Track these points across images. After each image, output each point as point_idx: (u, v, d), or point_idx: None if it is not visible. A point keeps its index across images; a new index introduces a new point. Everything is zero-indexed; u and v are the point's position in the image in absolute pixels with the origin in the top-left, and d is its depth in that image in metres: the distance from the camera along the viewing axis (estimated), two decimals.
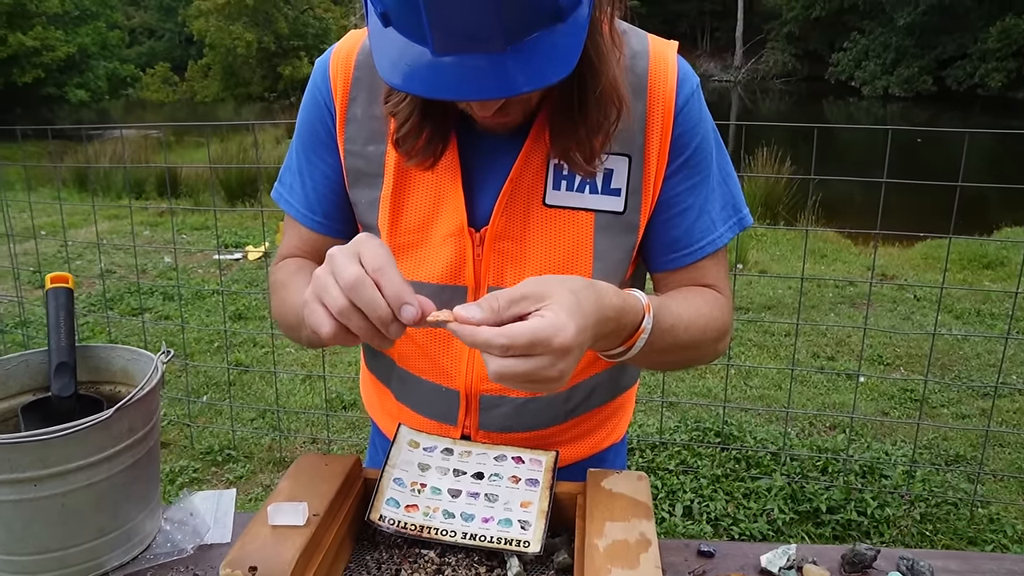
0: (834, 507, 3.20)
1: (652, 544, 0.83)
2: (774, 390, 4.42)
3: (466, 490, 0.96)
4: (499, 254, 1.04)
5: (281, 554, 0.79)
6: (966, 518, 3.26)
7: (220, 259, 5.82)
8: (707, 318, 1.02)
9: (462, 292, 1.06)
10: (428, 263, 1.05)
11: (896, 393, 4.36)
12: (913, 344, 5.06)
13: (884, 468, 3.42)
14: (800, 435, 3.79)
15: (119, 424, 0.88)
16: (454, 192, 1.02)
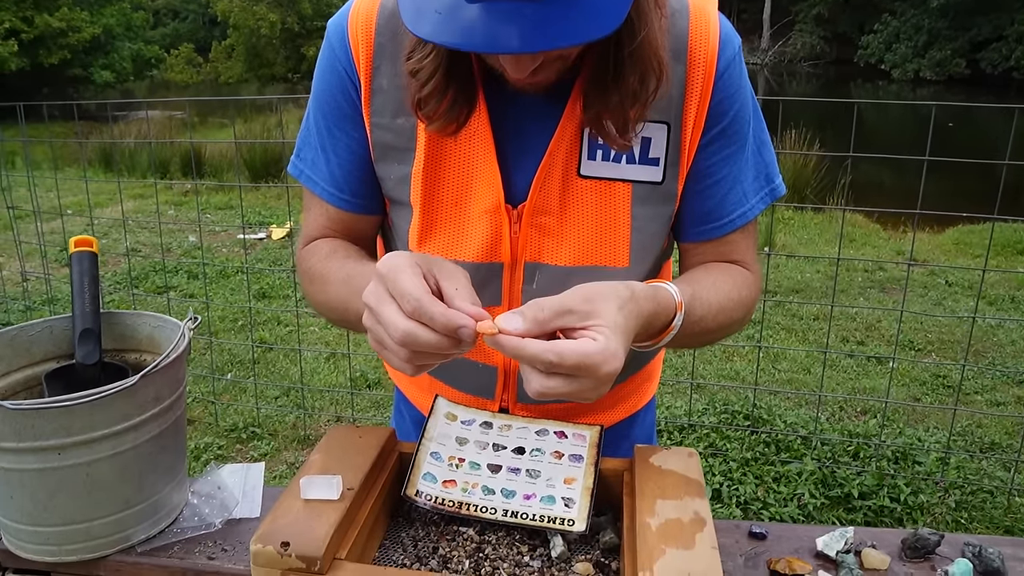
0: (866, 493, 3.13)
1: (707, 523, 0.78)
2: (803, 374, 4.35)
3: (506, 465, 0.91)
4: (536, 229, 0.99)
5: (314, 529, 0.75)
6: (1003, 507, 3.18)
7: (244, 238, 5.82)
8: (735, 302, 1.01)
9: (498, 269, 1.02)
10: (464, 241, 1.01)
11: (928, 379, 4.28)
12: (945, 330, 4.97)
13: (917, 454, 3.35)
14: (830, 420, 3.73)
15: (145, 392, 0.84)
16: (489, 167, 0.97)
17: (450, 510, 0.85)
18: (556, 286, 1.02)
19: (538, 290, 1.01)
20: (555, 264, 1.01)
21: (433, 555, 0.84)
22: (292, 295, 5.04)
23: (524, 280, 1.02)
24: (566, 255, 1.00)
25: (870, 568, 0.89)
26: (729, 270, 1.06)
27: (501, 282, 1.01)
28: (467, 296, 0.78)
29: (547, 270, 1.01)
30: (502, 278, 1.01)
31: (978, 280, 5.83)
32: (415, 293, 0.74)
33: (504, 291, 1.02)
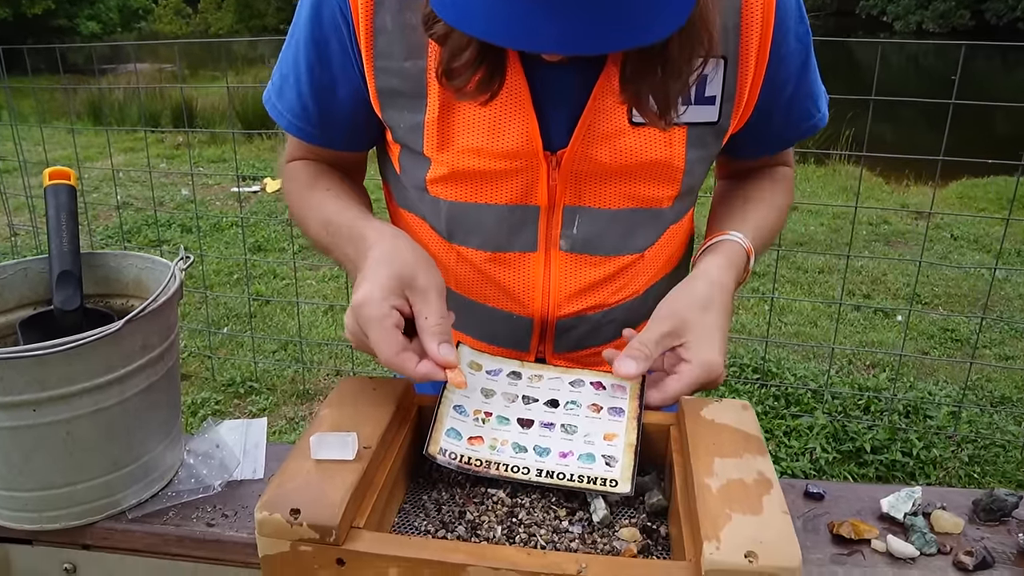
0: (878, 447, 3.08)
1: (774, 485, 0.68)
2: (809, 327, 4.29)
3: (539, 420, 0.81)
4: (577, 175, 0.90)
5: (328, 494, 0.66)
6: (1015, 461, 3.14)
7: (239, 191, 5.68)
8: (782, 209, 1.05)
9: (534, 212, 0.93)
10: (491, 186, 0.92)
11: (936, 333, 4.23)
12: (952, 284, 4.91)
13: (928, 408, 3.29)
14: (839, 373, 3.67)
15: (131, 339, 0.74)
16: (522, 114, 0.87)
17: (477, 469, 0.76)
18: (598, 230, 0.93)
19: (578, 234, 0.93)
20: (598, 207, 0.92)
21: (460, 520, 0.75)
22: (288, 248, 4.92)
23: (563, 224, 0.92)
24: (611, 199, 0.92)
25: (942, 532, 0.80)
26: (774, 179, 1.06)
27: (537, 226, 0.92)
28: (436, 329, 0.78)
29: (589, 213, 0.93)
30: (538, 222, 0.92)
31: (983, 234, 5.77)
32: (384, 352, 0.76)
33: (541, 235, 0.93)
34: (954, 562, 0.76)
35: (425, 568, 0.63)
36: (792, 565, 0.60)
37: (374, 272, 0.80)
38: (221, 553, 0.77)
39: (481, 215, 0.94)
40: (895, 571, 0.75)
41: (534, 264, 0.96)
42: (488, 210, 0.93)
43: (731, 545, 0.61)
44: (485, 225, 0.94)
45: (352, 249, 0.89)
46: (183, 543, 0.77)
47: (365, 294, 0.78)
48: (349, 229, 0.91)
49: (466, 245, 0.97)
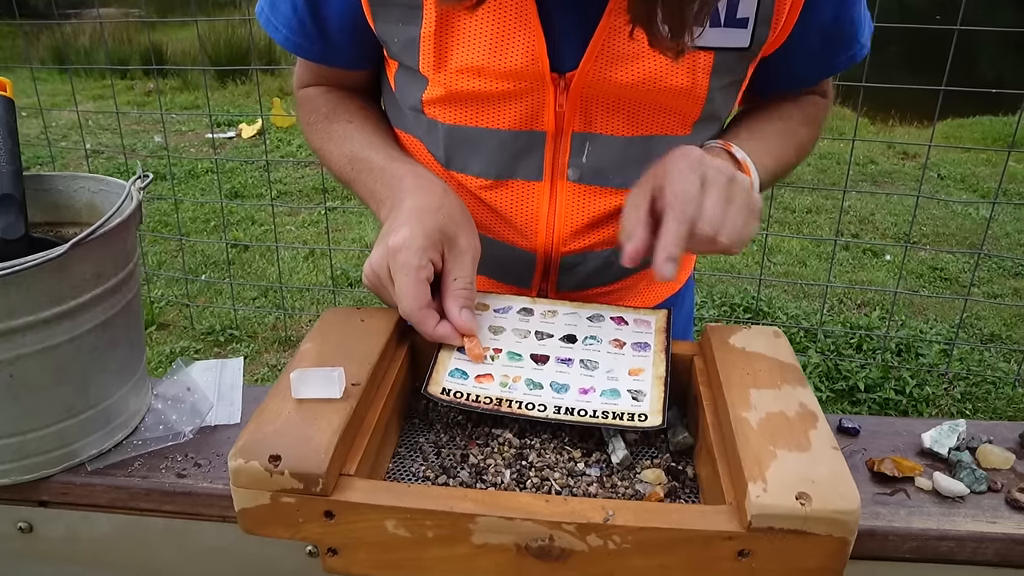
0: (871, 385, 3.06)
1: (819, 418, 0.61)
2: (799, 267, 4.24)
3: (555, 355, 0.73)
4: (587, 100, 0.81)
5: (312, 438, 0.57)
6: (1006, 397, 3.12)
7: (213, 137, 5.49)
8: (797, 134, 0.93)
9: (540, 138, 0.84)
10: (493, 109, 0.82)
11: (925, 271, 4.20)
12: (939, 223, 4.88)
13: (920, 347, 3.27)
14: (831, 312, 3.63)
15: (80, 267, 0.64)
16: (526, 26, 0.77)
17: (486, 407, 0.67)
18: (610, 159, 0.84)
19: (588, 163, 0.83)
20: (611, 135, 0.83)
21: (463, 464, 0.66)
22: (266, 193, 4.77)
23: (572, 152, 0.83)
24: (625, 126, 0.83)
25: (990, 468, 0.73)
26: (800, 105, 0.95)
27: (543, 153, 0.83)
28: (462, 293, 0.74)
29: (600, 141, 0.83)
30: (544, 149, 0.83)
31: (969, 174, 5.72)
32: (407, 303, 0.71)
33: (547, 164, 0.84)
34: (1008, 500, 0.69)
35: (427, 519, 0.54)
36: (850, 508, 0.52)
37: (419, 220, 0.74)
38: (194, 507, 0.68)
39: (481, 140, 0.85)
40: (944, 511, 0.68)
41: (538, 195, 0.87)
42: (489, 135, 0.84)
43: (779, 487, 0.53)
44: (486, 151, 0.85)
45: (383, 188, 0.83)
46: (151, 496, 0.68)
47: (406, 239, 0.72)
48: (381, 168, 0.84)
49: (465, 172, 0.88)
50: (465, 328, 0.72)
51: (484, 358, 0.71)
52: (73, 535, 0.72)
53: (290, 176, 5.21)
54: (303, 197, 4.88)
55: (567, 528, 0.53)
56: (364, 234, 4.24)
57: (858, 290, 3.86)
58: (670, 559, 0.54)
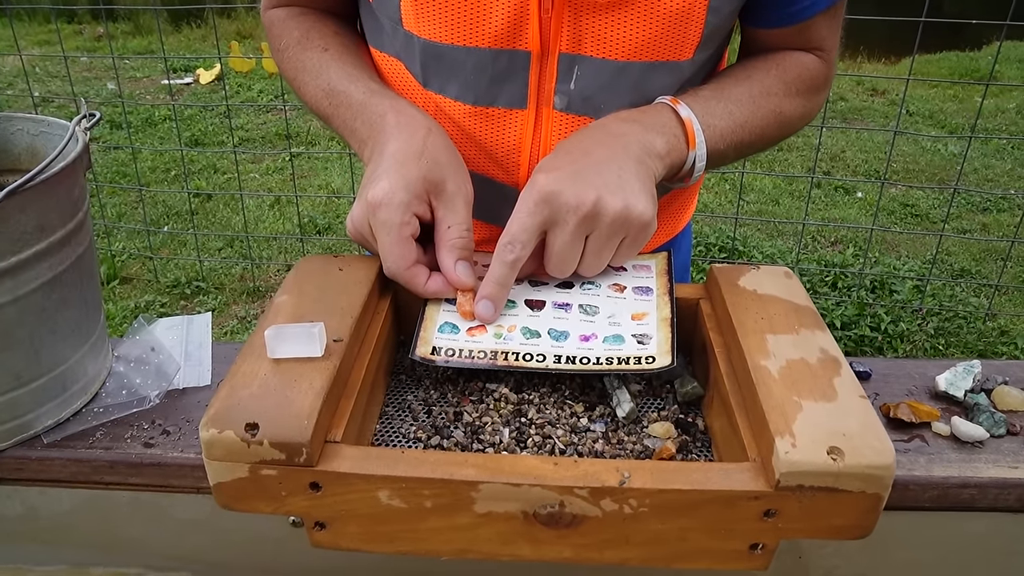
0: (847, 323, 3.07)
1: (843, 365, 0.56)
2: (772, 205, 4.23)
3: (551, 301, 0.67)
4: (577, 11, 0.73)
5: (293, 402, 0.51)
6: (977, 331, 3.16)
7: (170, 83, 5.27)
8: (778, 109, 0.82)
9: (523, 59, 0.76)
10: (470, 21, 0.74)
11: (896, 208, 4.22)
12: (909, 159, 4.89)
13: (894, 283, 3.27)
14: (805, 250, 3.62)
15: (20, 219, 0.57)
16: None
17: (482, 362, 0.62)
18: (601, 85, 0.75)
19: (576, 90, 0.75)
20: (602, 57, 0.75)
21: (456, 423, 0.61)
22: (227, 140, 4.61)
23: (558, 76, 0.75)
24: (619, 47, 0.74)
25: (1007, 410, 0.70)
26: (781, 64, 0.84)
27: (527, 77, 0.75)
28: (458, 242, 0.67)
29: (591, 64, 0.75)
30: (528, 72, 0.75)
31: (938, 110, 5.72)
32: (392, 263, 0.66)
33: (531, 89, 0.76)
34: None
35: (425, 488, 0.49)
36: (885, 462, 0.48)
37: (399, 170, 0.67)
38: (164, 478, 0.62)
39: (459, 58, 0.77)
40: (964, 456, 0.64)
41: (522, 124, 0.80)
42: (467, 53, 0.76)
43: (808, 441, 0.49)
44: (463, 71, 0.78)
45: (363, 126, 0.75)
46: (116, 469, 0.62)
47: (385, 193, 0.65)
48: (361, 104, 0.76)
49: (444, 94, 0.80)
50: (460, 284, 0.66)
51: (472, 317, 0.65)
52: (32, 513, 0.66)
53: (252, 122, 5.04)
54: (266, 143, 4.73)
55: (579, 493, 0.49)
56: (330, 180, 4.13)
57: (832, 227, 3.85)
58: (690, 522, 0.49)
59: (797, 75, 0.84)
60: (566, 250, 0.65)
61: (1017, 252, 3.69)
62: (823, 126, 3.07)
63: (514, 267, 0.64)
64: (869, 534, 0.51)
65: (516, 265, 0.64)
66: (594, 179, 0.65)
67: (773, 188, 4.40)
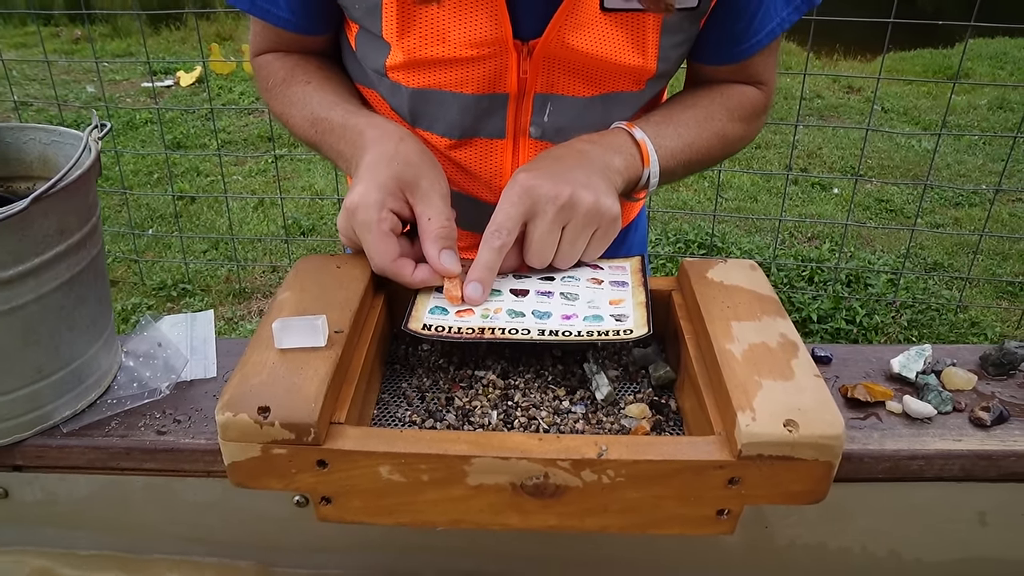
0: (823, 316, 3.14)
1: (800, 347, 0.62)
2: (750, 202, 4.30)
3: (535, 289, 0.72)
4: (550, 65, 0.81)
5: (300, 387, 0.56)
6: (949, 323, 3.24)
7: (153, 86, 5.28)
8: (721, 131, 0.91)
9: (502, 100, 0.84)
10: (457, 74, 0.82)
11: (871, 204, 4.30)
12: (884, 155, 4.98)
13: (869, 277, 3.35)
14: (783, 246, 3.69)
15: (43, 223, 0.62)
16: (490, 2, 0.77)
17: (469, 337, 0.66)
18: (571, 117, 0.85)
19: (550, 122, 0.84)
20: (571, 95, 0.84)
21: (448, 408, 0.67)
22: (209, 143, 4.63)
23: (534, 111, 0.84)
24: (584, 87, 0.84)
25: (954, 389, 0.76)
26: (725, 93, 0.93)
27: (506, 113, 0.83)
28: (439, 232, 0.71)
29: (562, 101, 0.84)
30: (507, 109, 0.83)
31: (912, 107, 5.82)
32: (377, 259, 0.71)
33: (509, 122, 0.85)
34: (971, 419, 0.72)
35: (422, 463, 0.54)
36: (835, 432, 0.54)
37: (372, 173, 0.73)
38: (176, 463, 0.67)
39: (445, 103, 0.85)
40: (913, 431, 0.70)
41: (502, 151, 0.88)
42: (453, 98, 0.84)
43: (767, 415, 0.54)
44: (450, 112, 0.85)
45: (346, 146, 0.81)
46: (131, 455, 0.67)
47: (359, 196, 0.71)
48: (342, 126, 0.82)
49: (430, 131, 0.88)
50: (446, 271, 0.71)
51: (460, 300, 0.70)
52: (51, 498, 0.71)
53: (234, 124, 5.06)
54: (248, 145, 4.75)
55: (562, 465, 0.54)
56: (313, 181, 4.16)
57: (808, 223, 3.93)
58: (663, 489, 0.55)
59: (738, 103, 0.92)
60: (545, 238, 0.71)
61: (988, 245, 3.79)
62: (798, 123, 3.14)
63: (500, 252, 0.70)
64: (823, 499, 0.57)
65: (502, 251, 0.70)
66: (568, 177, 0.71)
67: (751, 185, 4.48)
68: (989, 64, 6.84)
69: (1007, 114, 5.66)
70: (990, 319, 3.29)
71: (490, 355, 0.73)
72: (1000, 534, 0.73)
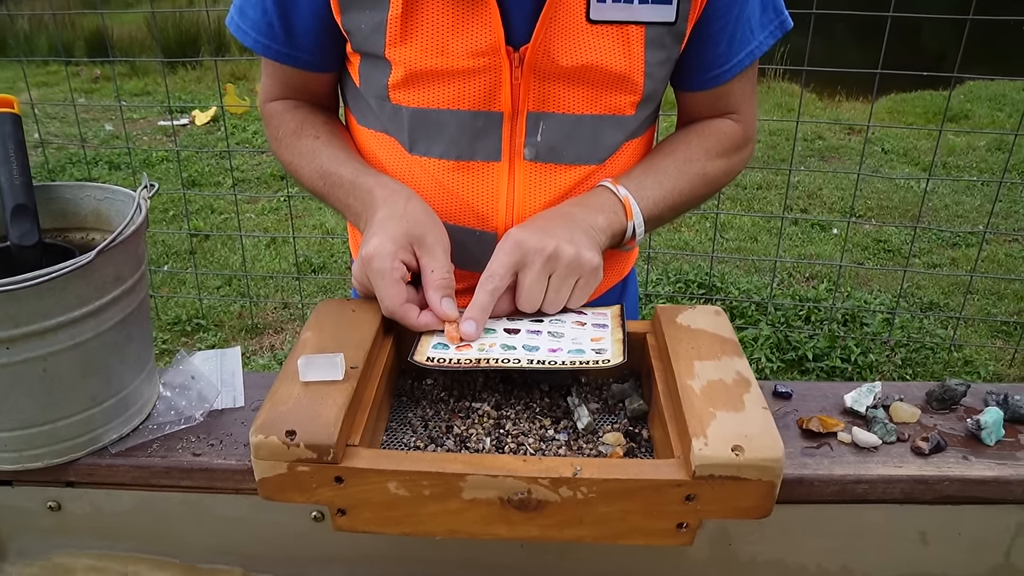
0: (819, 355, 3.21)
1: (752, 384, 0.72)
2: (750, 242, 4.39)
3: (525, 328, 0.82)
4: (541, 75, 0.90)
5: (322, 414, 0.66)
6: (943, 361, 3.31)
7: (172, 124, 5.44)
8: (702, 172, 1.00)
9: (497, 119, 0.92)
10: (454, 88, 0.91)
11: (869, 244, 4.38)
12: (883, 196, 5.07)
13: (864, 316, 3.43)
14: (781, 286, 3.78)
15: (103, 271, 0.72)
16: (484, 4, 0.86)
17: (467, 366, 0.76)
18: (563, 136, 0.92)
19: (543, 142, 0.92)
20: (563, 112, 0.92)
21: (448, 434, 0.76)
22: (223, 181, 4.78)
23: (527, 131, 0.92)
24: (575, 103, 0.92)
25: (900, 421, 0.85)
26: (704, 135, 1.02)
27: (501, 133, 0.92)
28: (440, 283, 0.82)
29: (553, 120, 0.92)
30: (502, 129, 0.92)
31: (912, 148, 5.94)
32: (388, 303, 0.81)
33: (504, 144, 0.93)
34: (912, 448, 0.81)
35: (424, 480, 0.64)
36: (775, 456, 0.63)
37: (385, 227, 0.83)
38: (210, 481, 0.77)
39: (443, 121, 0.93)
40: (859, 459, 0.79)
41: (498, 174, 0.96)
42: (450, 116, 0.92)
43: (718, 441, 0.64)
44: (447, 132, 0.94)
45: (355, 202, 0.92)
46: (170, 474, 0.77)
47: (375, 248, 0.81)
48: (351, 183, 0.93)
49: (428, 155, 0.96)
50: (445, 315, 0.81)
51: (459, 339, 0.80)
52: (98, 511, 0.80)
53: (247, 163, 5.21)
54: (261, 184, 4.90)
55: (542, 482, 0.63)
56: (324, 220, 4.29)
57: (807, 263, 4.02)
58: (629, 504, 0.64)
59: (716, 140, 1.02)
60: (534, 285, 0.82)
61: (984, 285, 3.87)
62: (791, 168, 3.25)
63: (493, 295, 0.81)
64: (768, 515, 0.66)
65: (494, 294, 0.81)
66: (554, 233, 0.82)
67: (752, 226, 4.57)
68: (988, 106, 6.95)
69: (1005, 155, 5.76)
70: (984, 358, 3.36)
71: (486, 389, 0.83)
72: (940, 552, 0.81)
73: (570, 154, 0.95)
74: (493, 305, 0.82)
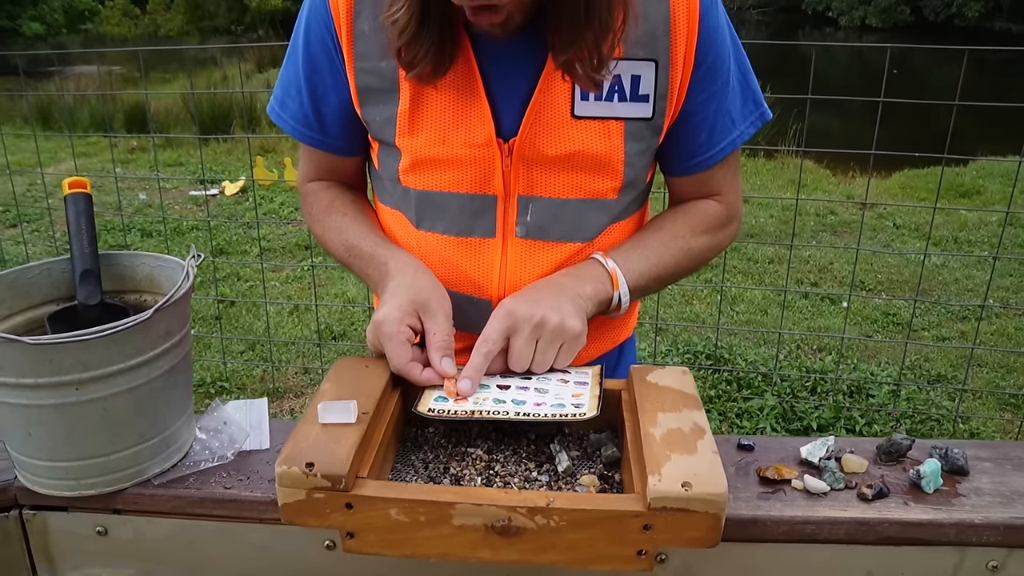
0: (824, 425, 3.27)
1: (706, 432, 0.83)
2: (760, 315, 4.48)
3: (515, 385, 0.95)
4: (528, 163, 1.03)
5: (335, 451, 0.78)
6: (947, 432, 3.35)
7: (206, 195, 5.69)
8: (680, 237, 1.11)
9: (492, 201, 1.05)
10: (454, 174, 1.05)
11: (879, 317, 4.44)
12: (893, 270, 5.15)
13: (871, 388, 3.49)
14: (788, 357, 3.86)
15: (157, 327, 0.86)
16: (477, 102, 1.00)
17: (464, 416, 0.88)
18: (550, 217, 1.06)
19: (532, 221, 1.05)
20: (548, 196, 1.04)
21: (445, 475, 0.88)
22: (250, 250, 4.98)
23: (518, 212, 1.05)
24: (559, 188, 1.04)
25: (850, 471, 0.96)
26: (689, 213, 1.13)
27: (495, 214, 1.05)
28: (441, 344, 0.95)
29: (541, 203, 1.05)
30: (496, 210, 1.05)
31: (923, 223, 6.04)
32: (395, 361, 0.94)
33: (499, 223, 1.06)
34: (857, 494, 0.91)
35: (420, 507, 0.76)
36: (719, 491, 0.74)
37: (395, 295, 0.97)
38: (238, 511, 0.88)
39: (445, 202, 1.06)
40: (809, 503, 0.90)
41: (492, 249, 1.08)
42: (451, 198, 1.06)
43: (670, 478, 0.75)
44: (449, 212, 1.07)
45: (374, 271, 1.07)
46: (204, 504, 0.89)
47: (384, 314, 0.94)
48: (371, 255, 1.08)
49: (433, 231, 1.09)
50: (444, 373, 0.93)
51: (456, 395, 0.92)
52: (140, 537, 0.92)
53: (273, 233, 5.43)
54: (286, 253, 5.10)
55: (520, 511, 0.75)
56: (346, 289, 4.46)
57: (815, 336, 4.11)
58: (595, 532, 0.75)
59: (700, 219, 1.14)
60: (522, 349, 0.94)
61: (993, 358, 3.92)
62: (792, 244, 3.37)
63: (487, 357, 0.93)
64: (715, 545, 0.76)
65: (488, 356, 0.93)
66: (543, 303, 0.95)
67: (763, 299, 4.66)
68: (1000, 182, 7.05)
69: (1017, 231, 5.83)
70: (990, 430, 3.39)
71: (480, 436, 0.95)
72: None
73: (556, 233, 1.07)
74: (487, 366, 0.94)
